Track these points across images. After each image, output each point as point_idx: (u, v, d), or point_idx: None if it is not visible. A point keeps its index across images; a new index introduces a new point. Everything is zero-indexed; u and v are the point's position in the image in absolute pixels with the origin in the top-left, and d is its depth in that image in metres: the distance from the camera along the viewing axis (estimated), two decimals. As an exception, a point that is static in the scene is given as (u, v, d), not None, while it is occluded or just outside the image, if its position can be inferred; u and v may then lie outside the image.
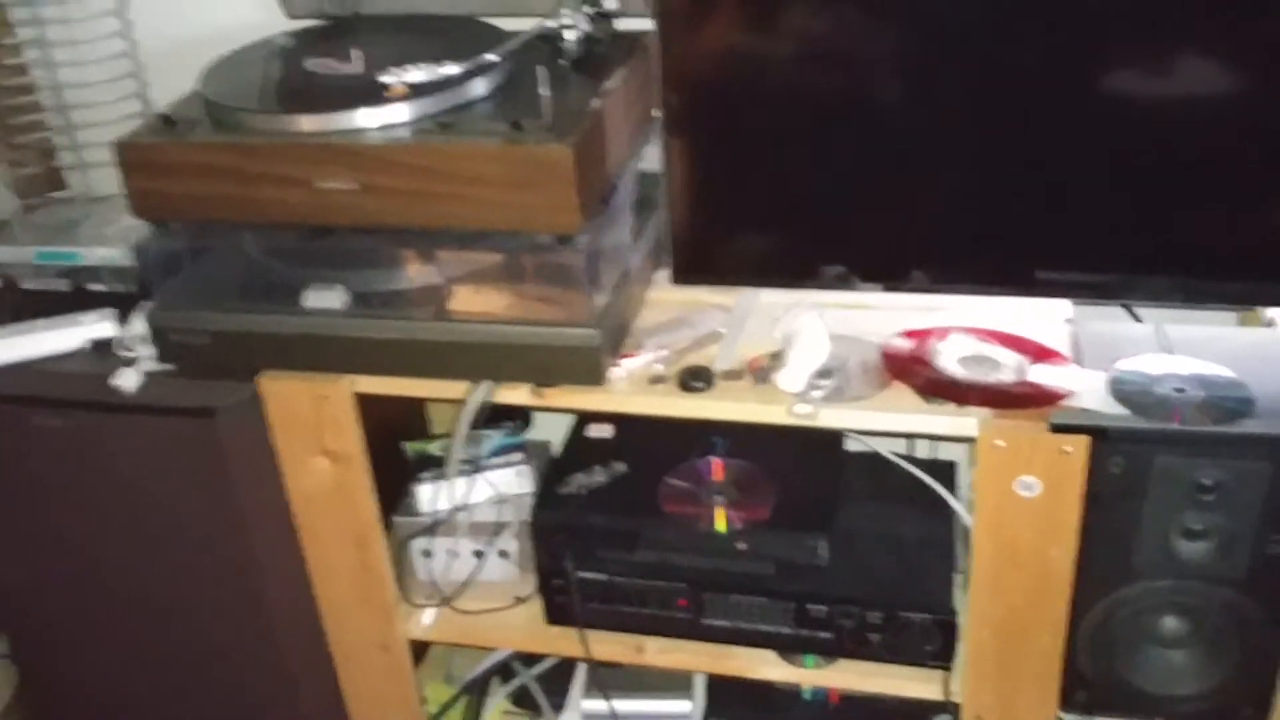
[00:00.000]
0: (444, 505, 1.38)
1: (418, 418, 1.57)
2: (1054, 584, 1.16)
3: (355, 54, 1.26)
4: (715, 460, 1.37)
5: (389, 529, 1.39)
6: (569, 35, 1.28)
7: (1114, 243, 1.20)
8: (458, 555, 1.41)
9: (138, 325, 1.31)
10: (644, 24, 1.28)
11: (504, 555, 1.41)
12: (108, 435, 1.32)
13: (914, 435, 1.42)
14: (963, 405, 1.14)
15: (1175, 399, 1.11)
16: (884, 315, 1.27)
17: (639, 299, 1.33)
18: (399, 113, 1.15)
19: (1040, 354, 1.20)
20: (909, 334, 1.25)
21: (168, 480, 1.33)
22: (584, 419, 1.48)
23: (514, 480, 1.41)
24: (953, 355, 1.21)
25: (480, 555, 1.41)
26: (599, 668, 1.44)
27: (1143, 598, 1.16)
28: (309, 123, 1.14)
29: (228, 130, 1.17)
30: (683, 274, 1.28)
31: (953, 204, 1.22)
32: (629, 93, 1.26)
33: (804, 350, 1.21)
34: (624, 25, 1.34)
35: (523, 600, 1.42)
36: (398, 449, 1.46)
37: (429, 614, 1.41)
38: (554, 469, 1.41)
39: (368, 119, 1.14)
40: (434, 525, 1.38)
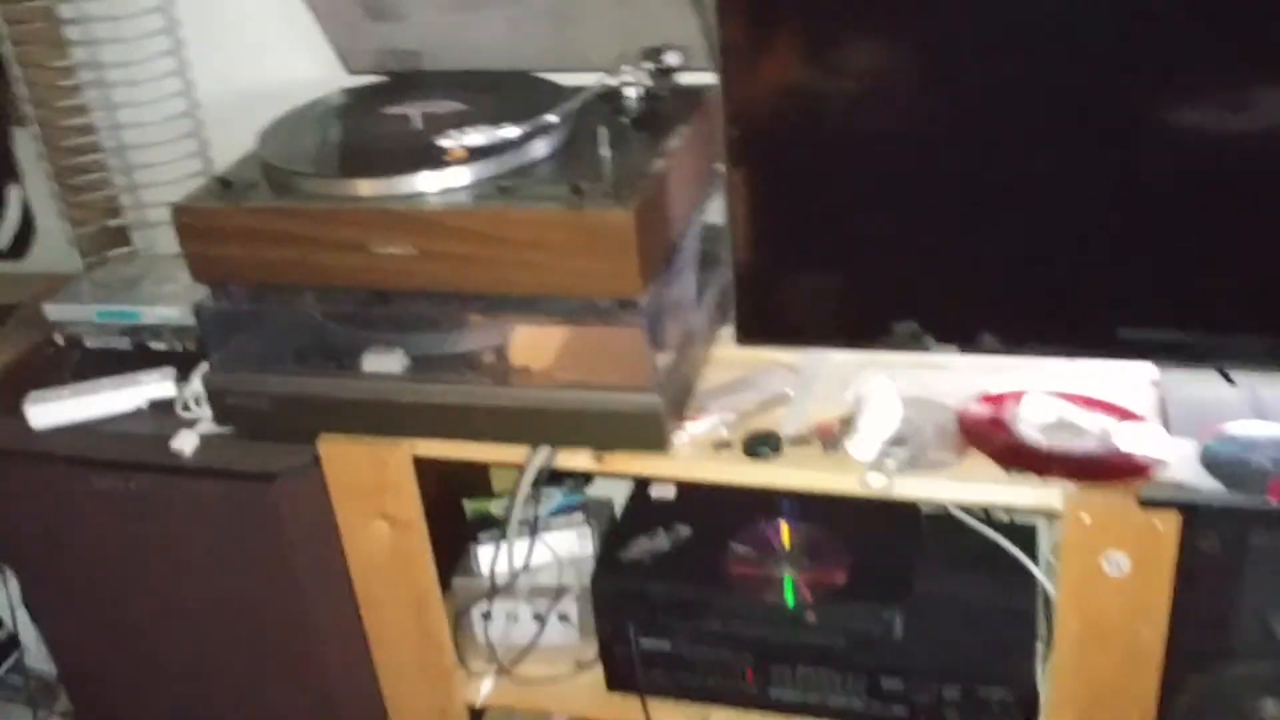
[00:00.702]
0: (504, 567, 1.35)
1: (479, 473, 1.54)
2: (1143, 664, 1.10)
3: (414, 114, 1.25)
4: (783, 524, 1.32)
5: (446, 587, 1.36)
6: (630, 93, 1.25)
7: (1203, 300, 1.13)
8: (517, 619, 1.38)
9: (197, 385, 1.30)
10: (706, 78, 1.25)
11: (564, 619, 1.38)
12: (166, 498, 1.31)
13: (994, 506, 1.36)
14: (1045, 477, 1.08)
15: (1272, 470, 1.05)
16: (959, 376, 1.22)
17: (703, 358, 1.29)
18: (458, 176, 1.12)
19: (1126, 419, 1.14)
20: (986, 398, 1.19)
21: (226, 543, 1.32)
22: (647, 478, 1.44)
23: (575, 541, 1.38)
24: (1033, 420, 1.16)
25: (540, 619, 1.37)
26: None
27: (1240, 680, 1.10)
28: (366, 187, 1.13)
29: (285, 194, 1.16)
30: (747, 334, 1.24)
31: (1031, 257, 1.15)
32: (692, 149, 1.23)
33: (876, 415, 1.16)
34: (686, 79, 1.31)
35: (584, 666, 1.38)
36: (458, 506, 1.44)
37: (488, 682, 1.38)
38: (616, 531, 1.37)
39: (426, 183, 1.12)
40: (494, 589, 1.35)
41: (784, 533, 1.32)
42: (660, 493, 1.42)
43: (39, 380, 1.40)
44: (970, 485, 1.10)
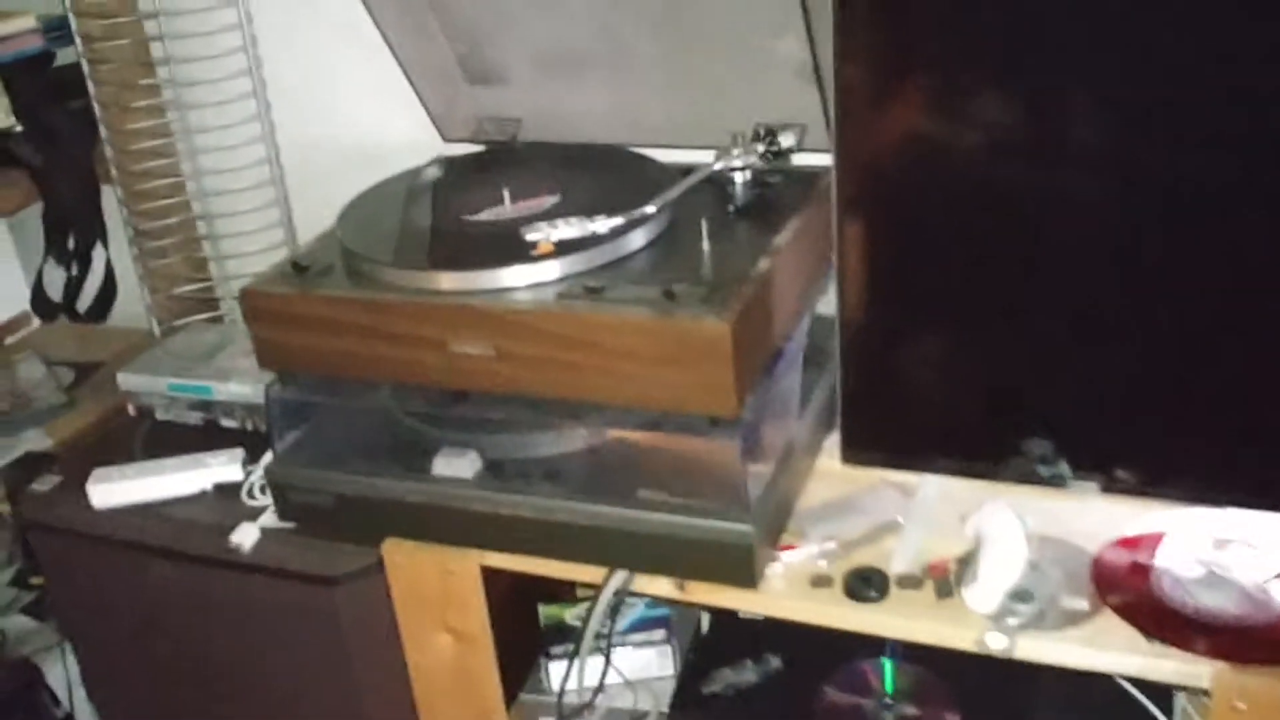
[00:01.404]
0: (576, 684, 1.24)
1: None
2: None
3: (503, 197, 1.16)
4: (886, 664, 1.19)
5: (513, 700, 1.26)
6: (738, 177, 1.15)
7: None
8: (589, 743, 1.27)
9: (264, 470, 1.23)
10: (823, 159, 1.14)
11: (639, 747, 1.27)
12: (224, 591, 1.24)
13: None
14: (1193, 652, 0.93)
15: None
16: (1094, 509, 1.08)
17: (805, 472, 1.17)
18: (544, 271, 1.03)
19: (1293, 580, 0.99)
20: (1125, 541, 1.05)
21: (284, 640, 1.24)
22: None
23: (654, 661, 1.27)
24: (1180, 574, 1.01)
25: (614, 745, 1.26)
26: None
27: None
28: (447, 280, 1.04)
29: (361, 281, 1.08)
30: (855, 453, 1.11)
31: (1203, 378, 0.97)
32: (804, 241, 1.11)
33: (998, 558, 1.02)
34: (801, 159, 1.20)
35: (659, 798, 1.27)
36: (533, 609, 1.34)
37: (554, 811, 1.27)
38: (699, 656, 1.25)
39: (510, 279, 1.02)
40: (564, 710, 1.24)
41: (886, 673, 1.18)
42: (750, 613, 1.29)
43: (107, 450, 1.36)
44: (1104, 655, 0.96)
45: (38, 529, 1.32)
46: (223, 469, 1.28)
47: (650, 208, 1.07)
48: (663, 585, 1.08)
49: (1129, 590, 1.00)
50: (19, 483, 1.35)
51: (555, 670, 1.25)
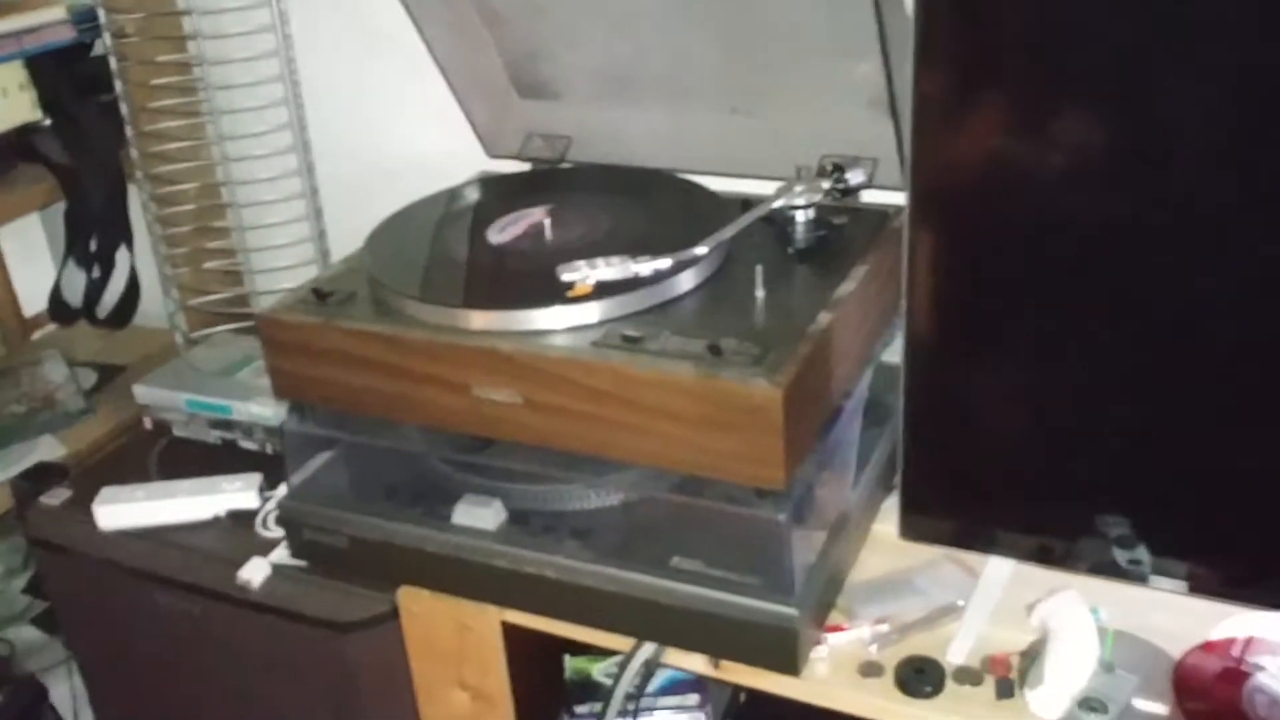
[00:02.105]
0: (599, 748, 1.16)
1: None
2: None
3: (544, 226, 1.07)
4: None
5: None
6: (800, 216, 1.05)
7: None
8: (610, 810, 1.18)
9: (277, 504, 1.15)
10: (895, 198, 1.04)
11: (663, 820, 1.18)
12: (232, 628, 1.17)
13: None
14: (1290, 786, 0.83)
15: None
16: (1175, 601, 0.97)
17: (859, 540, 1.07)
18: (581, 315, 0.94)
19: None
20: (1212, 645, 0.94)
21: (290, 684, 1.17)
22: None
23: (685, 728, 1.18)
24: (1274, 688, 0.90)
25: (636, 814, 1.17)
26: None
27: None
28: (474, 319, 0.95)
29: (384, 312, 0.99)
30: (915, 529, 1.01)
31: None
32: (871, 289, 1.01)
33: (1067, 657, 0.92)
34: (869, 196, 1.10)
35: None
36: (558, 661, 1.25)
37: None
38: (734, 724, 1.16)
39: (543, 321, 0.94)
40: (585, 777, 1.16)
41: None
42: (791, 680, 1.20)
43: (121, 466, 1.30)
44: (1187, 780, 0.85)
45: (44, 546, 1.26)
46: (238, 495, 1.21)
47: (701, 249, 0.98)
48: (696, 661, 0.99)
49: (1214, 702, 0.90)
50: (29, 494, 1.28)
51: (578, 733, 1.17)
